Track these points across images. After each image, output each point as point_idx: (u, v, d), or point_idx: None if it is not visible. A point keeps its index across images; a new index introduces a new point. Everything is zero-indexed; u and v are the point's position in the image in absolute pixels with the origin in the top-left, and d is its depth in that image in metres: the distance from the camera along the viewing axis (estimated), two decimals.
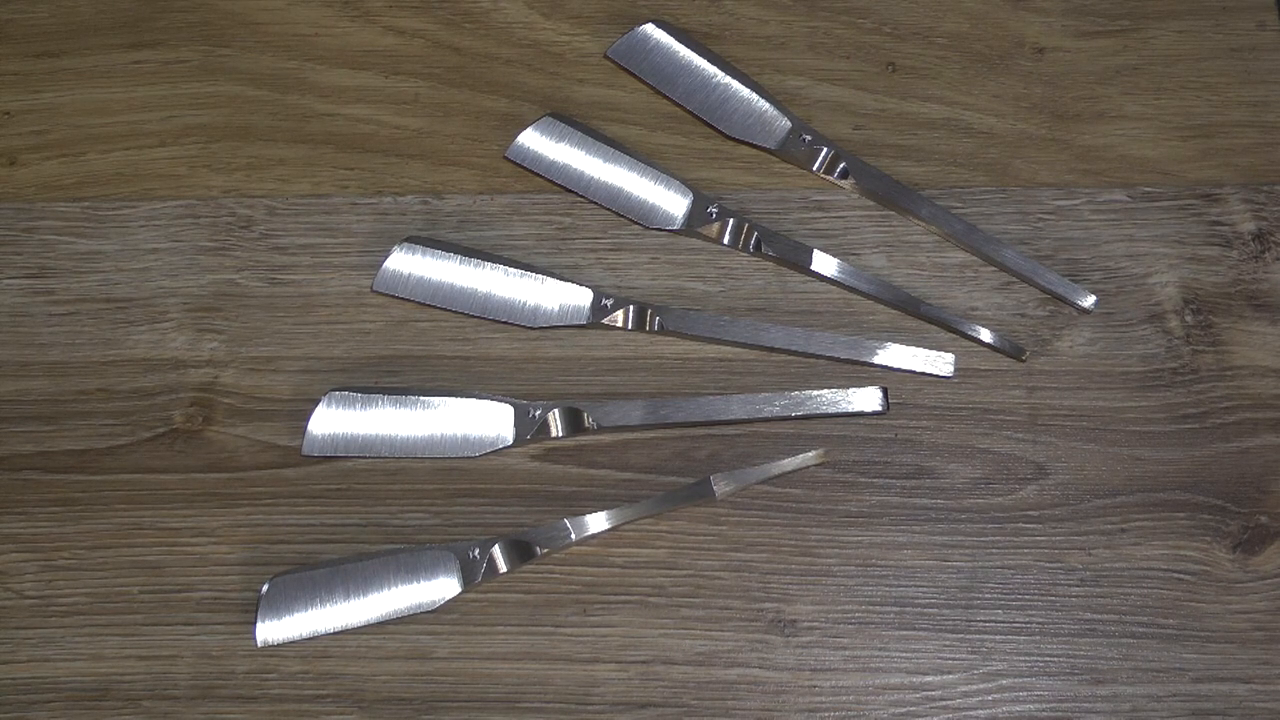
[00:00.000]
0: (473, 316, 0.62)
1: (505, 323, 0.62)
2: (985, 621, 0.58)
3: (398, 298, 0.62)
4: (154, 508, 0.60)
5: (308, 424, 0.59)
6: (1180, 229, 0.64)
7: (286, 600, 0.57)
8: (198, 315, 0.63)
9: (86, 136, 0.66)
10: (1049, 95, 0.66)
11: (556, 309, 0.62)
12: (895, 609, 0.58)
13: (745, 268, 0.64)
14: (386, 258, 0.61)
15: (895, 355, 0.61)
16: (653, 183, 0.63)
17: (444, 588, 0.57)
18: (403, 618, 0.57)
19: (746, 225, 0.63)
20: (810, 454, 0.60)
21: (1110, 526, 0.59)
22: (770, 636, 0.58)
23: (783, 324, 0.62)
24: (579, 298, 0.62)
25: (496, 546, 0.58)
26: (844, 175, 0.64)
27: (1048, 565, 0.58)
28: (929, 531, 0.59)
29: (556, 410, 0.60)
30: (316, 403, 0.59)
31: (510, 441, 0.60)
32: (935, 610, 0.58)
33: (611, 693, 0.57)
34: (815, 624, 0.58)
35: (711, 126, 0.65)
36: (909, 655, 0.58)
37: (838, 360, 0.61)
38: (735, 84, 0.65)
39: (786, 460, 0.60)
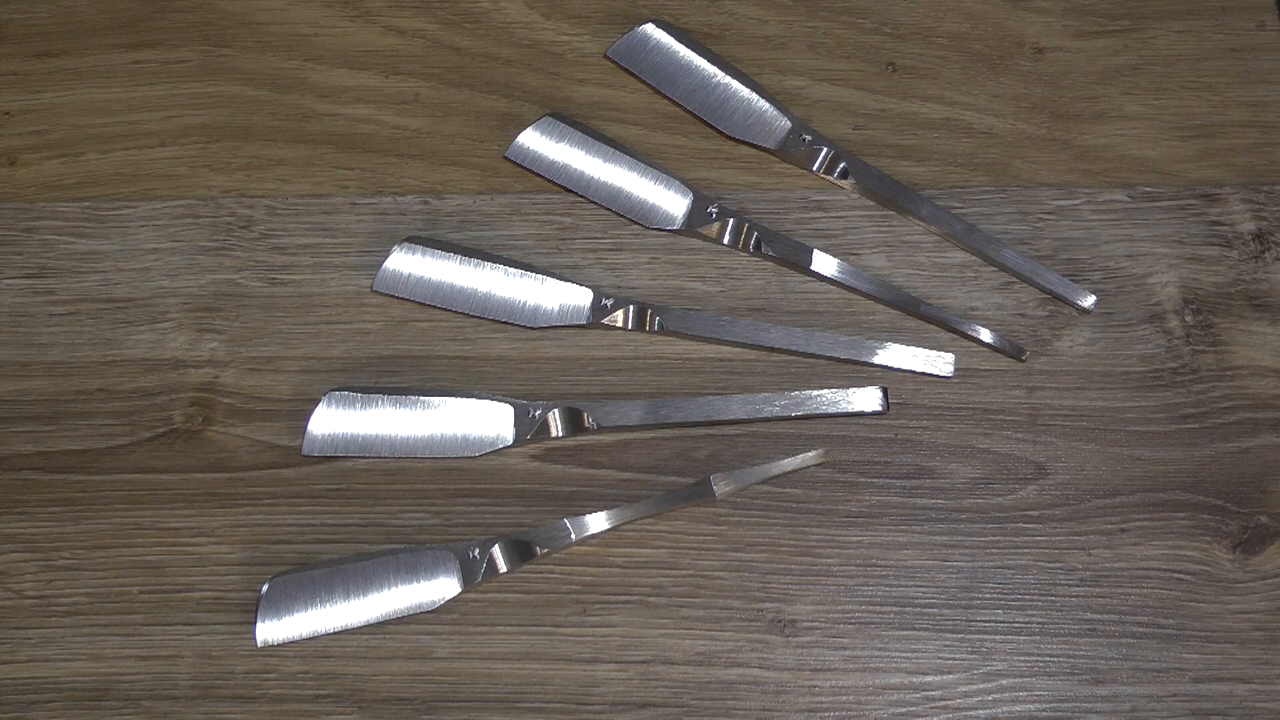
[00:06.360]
0: (473, 316, 0.62)
1: (505, 323, 0.62)
2: (985, 621, 0.58)
3: (398, 298, 0.62)
4: (154, 508, 0.60)
5: (308, 424, 0.59)
6: (1180, 229, 0.64)
7: (286, 600, 0.57)
8: (198, 315, 0.63)
9: (86, 136, 0.66)
10: (1049, 95, 0.66)
11: (556, 309, 0.62)
12: (895, 609, 0.58)
13: (745, 268, 0.64)
14: (386, 258, 0.61)
15: (895, 355, 0.61)
16: (653, 183, 0.63)
17: (444, 588, 0.57)
18: (403, 618, 0.57)
19: (746, 225, 0.63)
20: (810, 454, 0.60)
21: (1110, 526, 0.59)
22: (770, 636, 0.58)
23: (783, 324, 0.62)
24: (579, 298, 0.62)
25: (496, 546, 0.58)
26: (844, 175, 0.64)
27: (1048, 565, 0.58)
28: (929, 531, 0.59)
29: (556, 410, 0.60)
30: (316, 403, 0.59)
31: (510, 441, 0.60)
32: (935, 610, 0.58)
33: (611, 693, 0.57)
34: (815, 624, 0.58)
35: (711, 126, 0.65)
36: (909, 655, 0.58)
37: (838, 360, 0.61)
38: (735, 84, 0.65)
39: (786, 460, 0.60)
